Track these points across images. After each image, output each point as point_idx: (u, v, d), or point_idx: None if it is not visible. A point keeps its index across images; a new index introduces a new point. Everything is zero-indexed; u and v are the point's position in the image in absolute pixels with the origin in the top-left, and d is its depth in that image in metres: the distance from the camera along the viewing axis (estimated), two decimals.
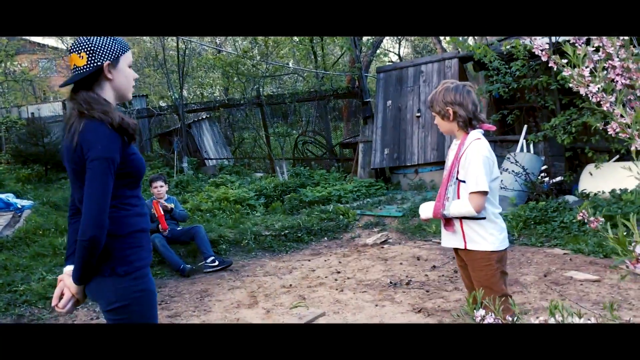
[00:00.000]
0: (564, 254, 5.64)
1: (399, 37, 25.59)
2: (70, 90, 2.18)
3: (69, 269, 2.20)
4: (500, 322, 1.30)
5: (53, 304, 2.23)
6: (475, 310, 1.36)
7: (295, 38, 14.83)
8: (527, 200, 7.32)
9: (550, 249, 5.89)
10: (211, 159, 13.53)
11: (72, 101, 2.15)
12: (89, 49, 2.12)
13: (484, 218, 2.83)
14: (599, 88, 1.89)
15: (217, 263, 6.14)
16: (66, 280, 2.19)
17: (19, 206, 8.90)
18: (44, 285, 5.29)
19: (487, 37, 10.10)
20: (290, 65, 15.16)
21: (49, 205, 8.98)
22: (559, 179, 7.52)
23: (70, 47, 2.17)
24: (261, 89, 13.62)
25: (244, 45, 14.32)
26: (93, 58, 2.12)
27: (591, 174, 7.33)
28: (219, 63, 13.79)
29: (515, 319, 2.79)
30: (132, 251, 2.15)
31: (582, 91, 1.92)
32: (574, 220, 6.15)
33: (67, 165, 2.16)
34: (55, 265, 5.96)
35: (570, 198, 7.10)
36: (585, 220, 1.92)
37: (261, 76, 13.02)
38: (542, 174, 7.57)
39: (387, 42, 26.62)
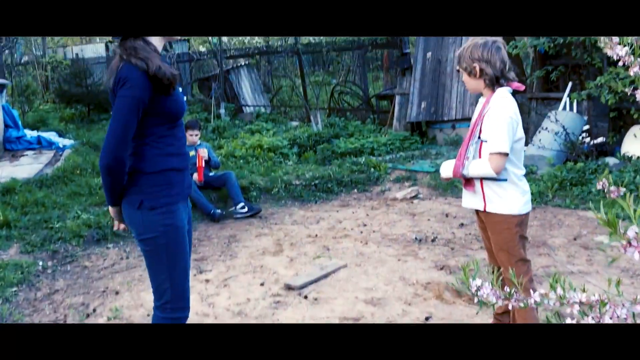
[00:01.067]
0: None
1: None
2: (120, 39, 2.29)
3: None
4: (497, 293, 1.26)
5: (115, 228, 2.54)
6: (473, 280, 1.32)
7: None
8: (566, 160, 7.10)
9: (584, 212, 5.74)
10: (248, 106, 13.54)
11: (120, 47, 2.26)
12: None
13: (505, 180, 2.76)
14: (627, 51, 1.78)
15: (246, 209, 6.21)
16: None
17: (61, 145, 9.15)
18: (78, 224, 5.47)
19: None
20: None
21: (88, 146, 9.19)
22: (600, 139, 7.27)
23: None
24: (299, 37, 13.42)
25: None
26: None
27: (635, 136, 7.04)
28: None
29: (530, 282, 2.73)
30: (160, 188, 2.31)
31: (609, 52, 1.81)
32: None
33: (112, 102, 2.31)
34: (90, 205, 6.14)
35: (611, 160, 6.86)
36: (605, 190, 1.85)
37: None
38: (584, 134, 7.33)
39: None
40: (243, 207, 6.22)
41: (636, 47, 1.85)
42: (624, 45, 1.92)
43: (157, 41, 2.33)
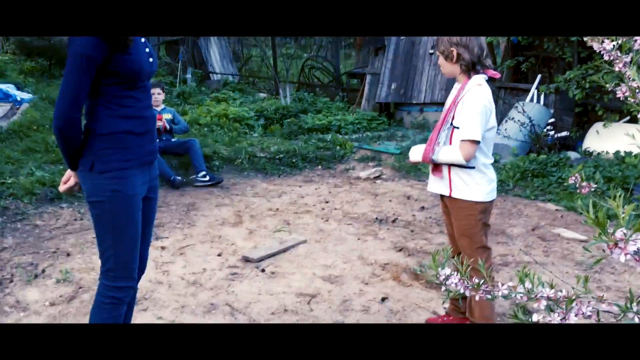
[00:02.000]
0: (556, 210, 5.58)
1: None
2: None
3: None
4: (465, 283, 1.23)
5: (60, 186, 2.41)
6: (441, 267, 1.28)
7: None
8: (529, 151, 7.20)
9: (543, 203, 5.83)
10: (216, 73, 13.28)
11: None
12: None
13: (473, 167, 2.75)
14: (614, 45, 1.75)
15: (207, 178, 6.10)
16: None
17: (18, 99, 8.78)
18: (31, 181, 5.27)
19: None
20: None
21: (47, 101, 8.84)
22: (564, 133, 7.37)
23: None
24: None
25: None
26: None
27: (598, 133, 7.16)
28: None
29: (490, 270, 2.74)
30: (112, 151, 2.20)
31: (596, 47, 1.77)
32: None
33: None
34: (46, 162, 5.94)
35: (573, 154, 6.98)
36: (577, 185, 1.82)
37: None
38: (549, 127, 7.41)
39: None
40: (205, 176, 6.11)
41: (624, 43, 1.81)
42: (612, 40, 1.89)
43: None
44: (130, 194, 2.25)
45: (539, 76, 8.23)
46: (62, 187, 2.39)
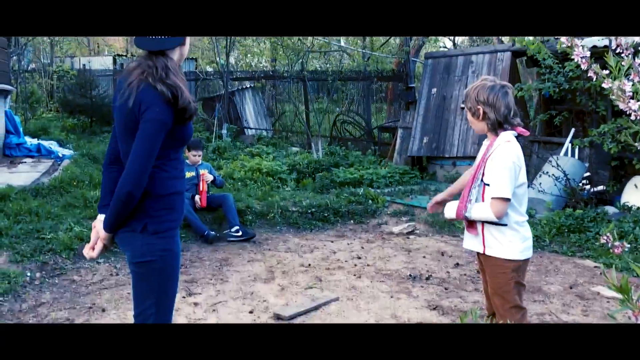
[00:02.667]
0: (595, 267, 5.44)
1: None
2: (148, 52, 2.23)
3: (102, 217, 2.35)
4: None
5: (85, 249, 2.38)
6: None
7: None
8: (565, 206, 7.07)
9: (581, 259, 5.69)
10: (250, 128, 13.56)
11: (149, 62, 2.19)
12: None
13: (506, 225, 2.73)
14: (639, 105, 1.76)
15: (240, 233, 6.16)
16: (98, 226, 2.35)
17: (60, 155, 9.11)
18: (70, 236, 5.40)
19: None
20: (340, 42, 14.96)
21: (87, 157, 9.15)
22: (600, 188, 7.25)
23: None
24: (305, 64, 13.50)
25: None
26: None
27: (636, 187, 7.02)
28: None
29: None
30: (165, 212, 2.28)
31: (622, 106, 1.78)
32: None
33: (119, 120, 2.25)
34: (84, 218, 6.07)
35: (610, 209, 6.83)
36: (610, 245, 1.80)
37: (306, 50, 12.88)
38: (584, 181, 7.30)
39: None
40: (238, 231, 6.17)
41: None
42: (638, 100, 1.89)
43: (177, 62, 2.31)
44: (177, 251, 2.35)
45: (572, 130, 8.17)
46: (91, 254, 2.37)
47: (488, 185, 2.72)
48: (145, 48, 2.22)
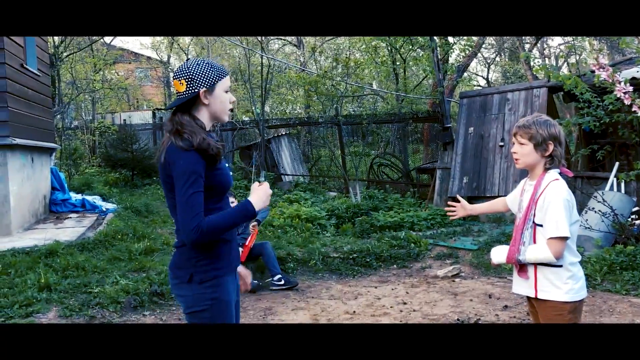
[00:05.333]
0: None
1: (488, 62, 25.06)
2: (172, 112, 2.38)
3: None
4: None
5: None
6: None
7: (378, 59, 14.78)
8: (614, 243, 6.84)
9: (636, 298, 5.47)
10: (287, 175, 13.67)
11: (170, 122, 2.33)
12: (188, 76, 2.30)
13: (561, 266, 2.64)
14: None
15: (283, 282, 6.13)
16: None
17: (104, 209, 9.34)
18: (116, 289, 5.46)
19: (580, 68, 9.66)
20: (373, 86, 15.11)
21: (130, 210, 9.34)
22: None
23: (174, 74, 2.38)
24: (339, 109, 13.64)
25: (325, 65, 14.43)
26: (191, 85, 2.30)
27: None
28: (300, 81, 13.95)
29: None
30: (209, 261, 2.29)
31: None
32: None
33: (161, 178, 2.36)
34: (129, 270, 6.15)
35: None
36: None
37: (339, 96, 13.04)
38: (633, 216, 7.07)
39: (475, 65, 26.13)
40: (280, 280, 6.15)
41: None
42: None
43: (206, 120, 2.38)
44: (227, 300, 2.34)
45: (616, 164, 7.98)
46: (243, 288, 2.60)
47: (540, 226, 2.65)
48: (168, 107, 2.38)
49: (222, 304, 2.33)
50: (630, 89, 1.86)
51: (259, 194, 2.39)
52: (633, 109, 2.07)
